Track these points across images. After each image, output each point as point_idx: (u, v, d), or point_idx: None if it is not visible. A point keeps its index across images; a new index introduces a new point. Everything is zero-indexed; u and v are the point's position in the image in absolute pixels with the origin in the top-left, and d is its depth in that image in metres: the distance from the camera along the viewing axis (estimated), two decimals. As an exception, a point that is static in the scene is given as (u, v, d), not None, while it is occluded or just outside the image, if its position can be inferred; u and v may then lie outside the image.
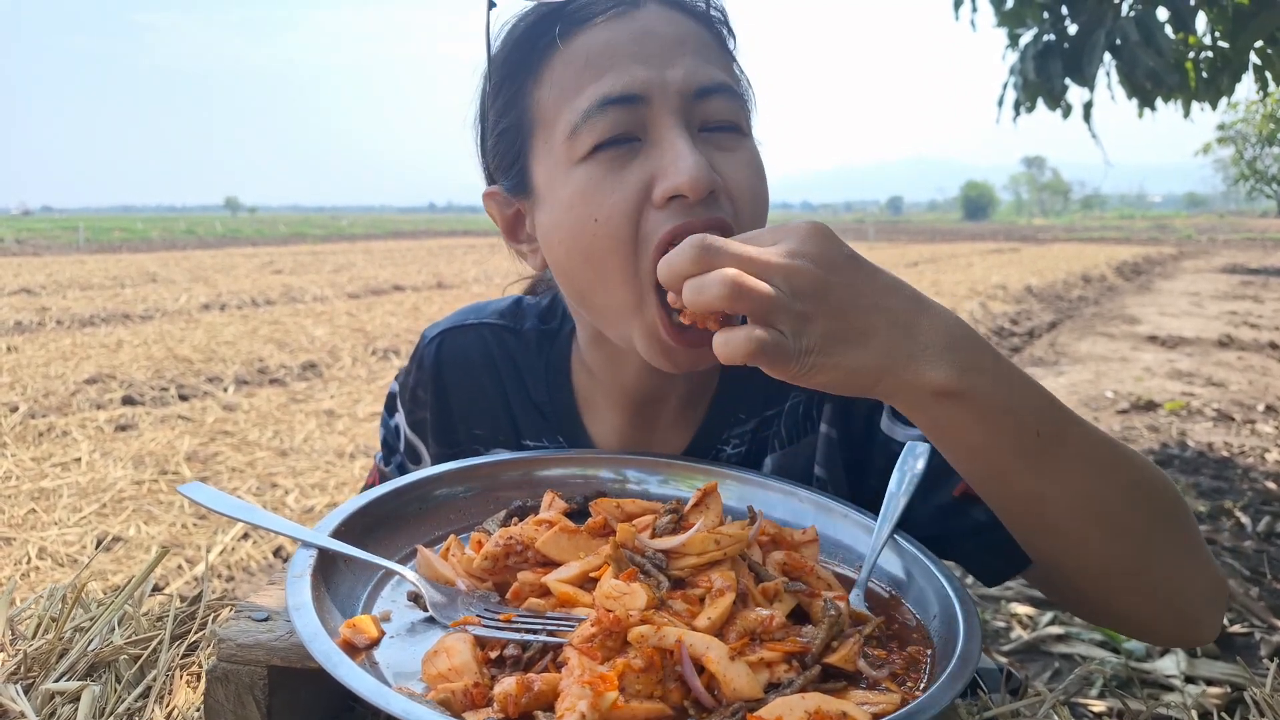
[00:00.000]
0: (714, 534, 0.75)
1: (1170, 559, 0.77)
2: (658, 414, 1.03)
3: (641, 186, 0.80)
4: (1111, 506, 0.74)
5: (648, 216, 0.80)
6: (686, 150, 0.78)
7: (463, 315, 1.13)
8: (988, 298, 11.88)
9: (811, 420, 1.01)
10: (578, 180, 0.82)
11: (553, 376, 1.06)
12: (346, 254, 23.66)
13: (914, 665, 0.69)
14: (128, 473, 4.41)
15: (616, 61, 0.81)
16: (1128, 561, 0.76)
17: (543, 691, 0.60)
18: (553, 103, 0.84)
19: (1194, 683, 2.41)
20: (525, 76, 0.87)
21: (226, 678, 0.69)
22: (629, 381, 0.99)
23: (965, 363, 0.66)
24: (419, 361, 1.12)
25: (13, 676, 0.87)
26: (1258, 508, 3.99)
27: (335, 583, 0.77)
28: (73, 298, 11.43)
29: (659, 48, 0.82)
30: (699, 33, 0.87)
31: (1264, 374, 7.37)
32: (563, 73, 0.83)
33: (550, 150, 0.85)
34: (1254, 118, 19.16)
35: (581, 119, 0.80)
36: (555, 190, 0.85)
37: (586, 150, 0.81)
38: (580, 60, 0.82)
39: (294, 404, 5.97)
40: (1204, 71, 4.03)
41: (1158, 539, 0.76)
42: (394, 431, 1.15)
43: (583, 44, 0.83)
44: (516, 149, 0.89)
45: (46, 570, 3.31)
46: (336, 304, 11.36)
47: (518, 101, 0.88)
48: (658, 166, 0.80)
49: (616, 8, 0.84)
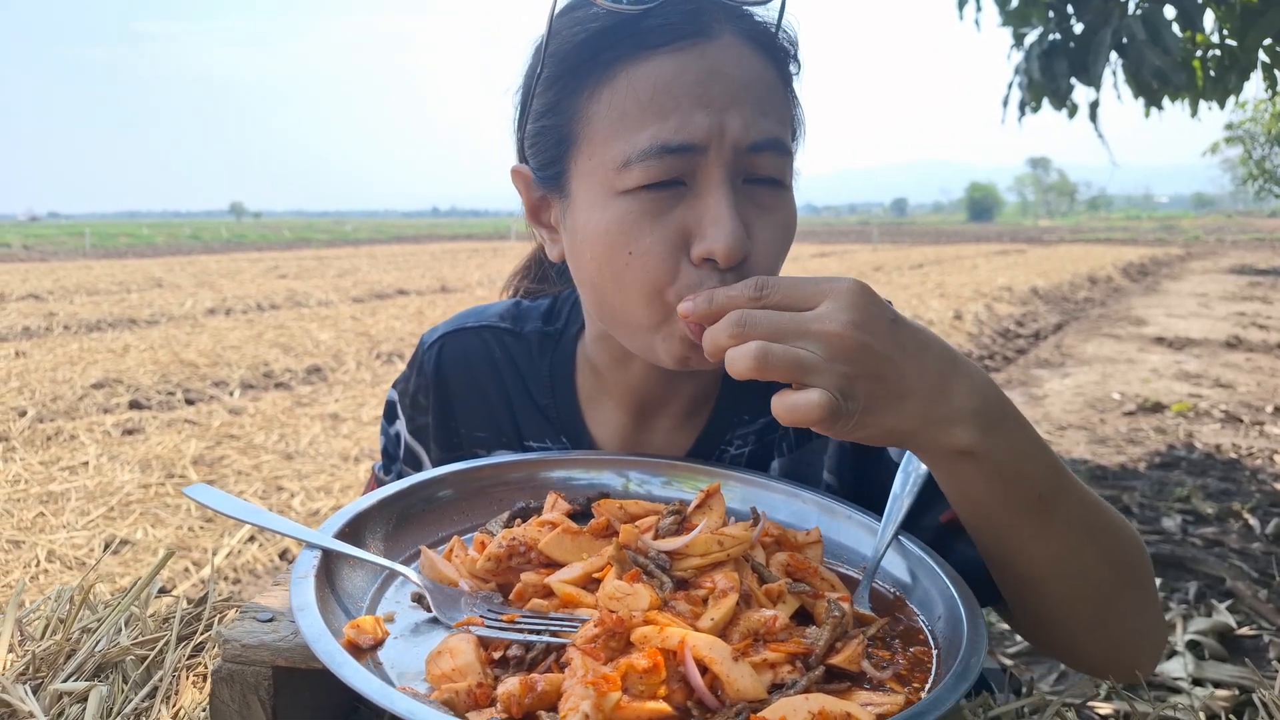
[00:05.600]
0: (717, 535, 0.75)
1: (1133, 612, 0.84)
2: (662, 414, 1.03)
3: (680, 234, 0.81)
4: (1090, 565, 0.80)
5: (682, 264, 0.82)
6: (728, 216, 0.79)
7: (462, 319, 1.13)
8: (993, 299, 11.85)
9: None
10: (619, 210, 0.82)
11: (556, 378, 1.06)
12: (350, 258, 23.73)
13: (919, 666, 0.69)
14: (135, 476, 4.43)
15: (680, 104, 0.79)
16: (1096, 613, 0.82)
17: (546, 692, 0.60)
18: (608, 125, 0.82)
19: (1201, 685, 2.40)
20: (583, 84, 0.84)
21: (232, 678, 0.69)
22: (636, 380, 1.00)
23: (989, 426, 0.71)
24: (419, 367, 1.11)
25: (21, 677, 0.88)
26: (1266, 509, 3.97)
27: (339, 584, 0.77)
28: (79, 303, 11.48)
29: (724, 92, 0.80)
30: (766, 74, 0.84)
31: (1272, 375, 7.33)
32: (625, 99, 0.81)
33: (594, 169, 0.84)
34: (1262, 117, 19.07)
35: (637, 157, 0.80)
36: (594, 210, 0.84)
37: (633, 186, 0.81)
38: (645, 93, 0.80)
39: (299, 408, 5.99)
40: (1211, 70, 4.01)
41: (1125, 594, 0.82)
42: (394, 439, 1.14)
43: (650, 73, 0.80)
44: (559, 151, 0.88)
45: (55, 573, 3.33)
46: (341, 308, 11.39)
47: (569, 107, 0.86)
48: (698, 223, 0.80)
49: (691, 37, 0.81)
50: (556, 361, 1.07)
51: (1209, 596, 3.11)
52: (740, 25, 0.84)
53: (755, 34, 0.85)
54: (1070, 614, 0.83)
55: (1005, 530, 0.78)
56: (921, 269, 17.99)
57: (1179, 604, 3.03)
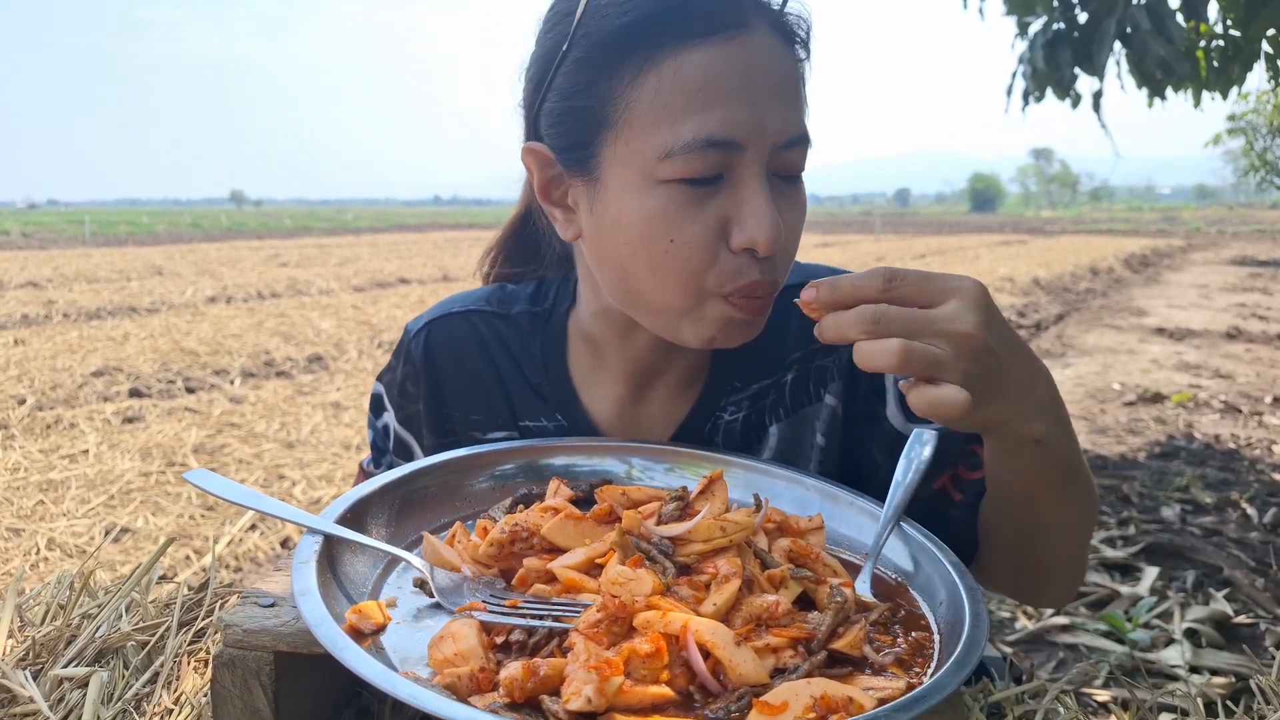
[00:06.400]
0: (720, 521, 0.75)
1: (1084, 552, 0.97)
2: (659, 385, 1.06)
3: (720, 223, 0.84)
4: (1082, 519, 0.91)
5: (722, 254, 0.85)
6: (767, 209, 0.83)
7: (447, 305, 1.13)
8: (995, 290, 11.84)
9: (810, 392, 1.06)
10: (660, 199, 0.84)
11: (548, 356, 1.07)
12: (352, 247, 23.68)
13: (920, 651, 0.69)
14: (135, 464, 4.43)
15: (726, 98, 0.81)
16: (1071, 556, 0.95)
17: (548, 676, 0.60)
18: (650, 113, 0.82)
19: (1198, 673, 2.41)
20: (623, 69, 0.84)
21: (233, 663, 0.69)
22: (637, 353, 1.02)
23: (1057, 416, 0.79)
24: (405, 355, 1.11)
25: (21, 662, 0.88)
26: (1264, 499, 3.98)
27: (341, 569, 0.77)
28: (79, 291, 11.47)
29: (764, 88, 0.83)
30: (794, 69, 0.87)
31: (1272, 366, 7.33)
32: (670, 88, 0.81)
33: (632, 156, 0.84)
34: (1265, 108, 18.97)
35: (680, 149, 0.81)
36: (631, 196, 0.85)
37: (675, 177, 0.83)
38: (692, 84, 0.81)
39: (300, 396, 5.99)
40: (1215, 60, 3.99)
41: (1085, 541, 0.95)
42: (382, 432, 1.14)
43: (696, 65, 0.81)
44: (589, 134, 0.87)
45: (55, 561, 3.34)
46: (342, 297, 11.37)
47: (604, 89, 0.85)
48: (738, 214, 0.84)
49: (734, 29, 0.82)
50: (548, 340, 1.08)
51: (1207, 585, 3.12)
52: (771, 17, 0.86)
53: (783, 27, 0.87)
54: (1054, 560, 0.94)
55: (1038, 501, 0.86)
56: (924, 259, 17.96)
57: (1177, 592, 3.04)
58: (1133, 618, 2.82)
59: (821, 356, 1.06)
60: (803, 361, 1.06)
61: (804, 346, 1.05)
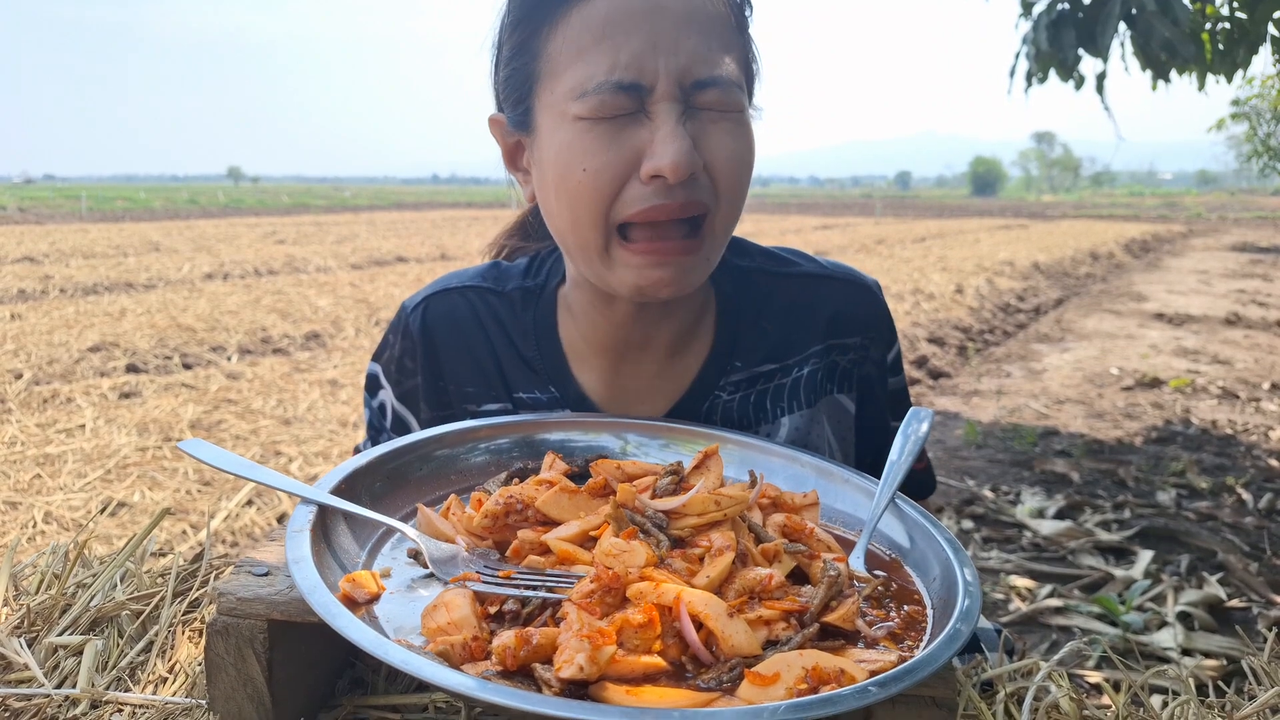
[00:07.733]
0: (714, 495, 0.74)
1: None
2: (645, 357, 1.06)
3: (631, 154, 0.87)
4: None
5: (631, 183, 0.87)
6: (674, 134, 0.85)
7: (444, 281, 1.15)
8: (995, 274, 11.82)
9: (820, 388, 1.07)
10: (576, 132, 0.88)
11: (540, 330, 1.08)
12: (350, 225, 23.58)
13: (913, 626, 0.69)
14: (132, 439, 4.44)
15: (629, 39, 0.85)
16: None
17: (541, 645, 0.60)
18: (564, 60, 0.88)
19: (1190, 655, 2.42)
20: (541, 25, 0.90)
21: (227, 631, 0.69)
22: (617, 321, 1.03)
23: None
24: (402, 331, 1.12)
25: (16, 630, 0.88)
26: (1260, 485, 3.99)
27: (336, 539, 0.77)
28: (76, 266, 11.42)
29: (669, 26, 0.86)
30: (714, 8, 0.89)
31: (1270, 352, 7.34)
32: (578, 35, 0.87)
33: (554, 102, 0.89)
34: (1269, 93, 18.85)
35: (593, 89, 0.85)
36: (554, 135, 0.90)
37: (587, 113, 0.86)
38: (596, 28, 0.86)
39: (297, 373, 5.99)
40: (1220, 43, 3.96)
41: None
42: (379, 411, 1.15)
43: (599, 9, 0.86)
44: (525, 90, 0.93)
45: (52, 534, 3.34)
46: (340, 274, 11.34)
47: (530, 47, 0.92)
48: (647, 143, 0.86)
49: None
50: (539, 314, 1.09)
51: (1200, 569, 3.14)
52: None
53: None
54: None
55: None
56: (924, 242, 17.91)
57: (1171, 576, 3.06)
58: (1126, 600, 2.84)
59: (842, 355, 1.07)
60: (824, 355, 1.06)
61: (828, 340, 1.06)
